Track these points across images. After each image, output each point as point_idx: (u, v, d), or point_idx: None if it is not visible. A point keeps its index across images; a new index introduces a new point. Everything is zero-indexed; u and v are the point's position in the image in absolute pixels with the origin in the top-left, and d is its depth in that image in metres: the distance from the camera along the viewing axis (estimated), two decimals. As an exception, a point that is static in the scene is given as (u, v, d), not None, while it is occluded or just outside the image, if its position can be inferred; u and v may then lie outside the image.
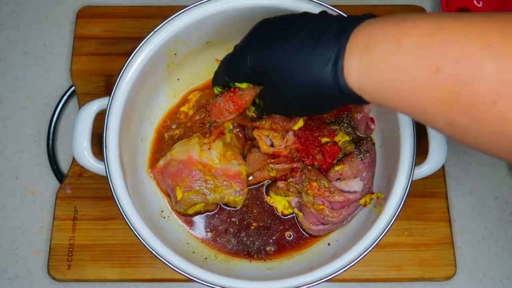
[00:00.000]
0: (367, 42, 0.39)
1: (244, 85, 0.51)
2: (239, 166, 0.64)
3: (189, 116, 0.69)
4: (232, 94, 0.53)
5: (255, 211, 0.67)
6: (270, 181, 0.67)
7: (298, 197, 0.64)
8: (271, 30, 0.47)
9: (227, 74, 0.51)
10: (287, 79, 0.44)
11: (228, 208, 0.67)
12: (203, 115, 0.68)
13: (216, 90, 0.55)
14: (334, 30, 0.41)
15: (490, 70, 0.32)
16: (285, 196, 0.65)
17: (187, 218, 0.67)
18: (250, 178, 0.66)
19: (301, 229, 0.66)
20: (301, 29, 0.43)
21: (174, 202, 0.65)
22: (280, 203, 0.66)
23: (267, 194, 0.67)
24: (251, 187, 0.67)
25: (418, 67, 0.36)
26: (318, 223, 0.63)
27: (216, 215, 0.67)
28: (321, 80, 0.41)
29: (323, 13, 0.45)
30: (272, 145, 0.63)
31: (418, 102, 0.37)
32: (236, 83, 0.51)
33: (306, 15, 0.45)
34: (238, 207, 0.67)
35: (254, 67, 0.47)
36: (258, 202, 0.67)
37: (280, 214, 0.67)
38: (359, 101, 0.42)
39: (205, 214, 0.67)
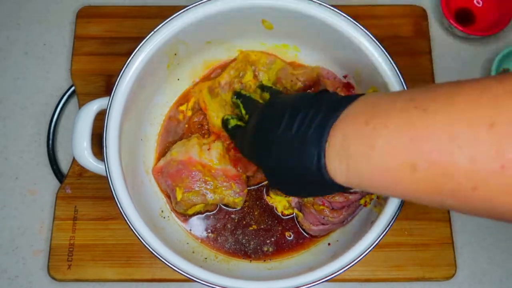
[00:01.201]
0: (342, 145, 0.41)
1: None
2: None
3: (187, 117, 0.69)
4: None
5: (255, 212, 0.67)
6: None
7: (298, 197, 0.64)
8: (267, 123, 0.51)
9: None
10: (282, 167, 0.48)
11: (228, 208, 0.67)
12: (201, 117, 0.68)
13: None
14: (315, 128, 0.44)
15: (462, 163, 0.33)
16: (285, 196, 0.65)
17: (187, 218, 0.67)
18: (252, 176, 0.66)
19: (301, 229, 0.66)
20: (289, 125, 0.47)
21: (174, 202, 0.65)
22: (280, 203, 0.66)
23: (267, 194, 0.67)
24: (251, 187, 0.67)
25: (395, 166, 0.37)
26: (318, 224, 0.63)
27: (216, 216, 0.67)
28: (310, 176, 0.44)
29: (310, 105, 0.47)
30: None
31: (404, 193, 0.39)
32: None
33: (297, 105, 0.48)
34: (238, 208, 0.67)
35: (253, 159, 0.54)
36: (258, 202, 0.67)
37: (280, 214, 0.67)
38: (347, 189, 0.45)
39: (205, 214, 0.67)
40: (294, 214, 0.66)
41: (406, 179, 0.37)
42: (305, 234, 0.66)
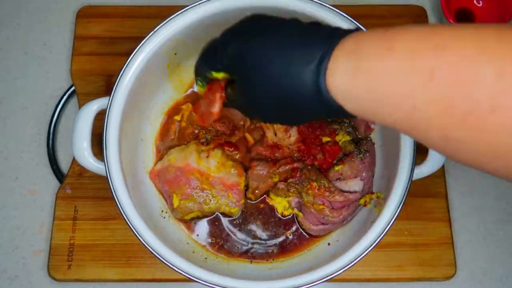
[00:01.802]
0: (355, 46, 0.37)
1: (220, 75, 0.48)
2: (237, 176, 0.64)
3: (181, 127, 0.69)
4: (208, 89, 0.50)
5: (255, 213, 0.67)
6: None
7: (298, 197, 0.64)
8: (258, 22, 0.45)
9: (206, 61, 0.49)
10: (262, 74, 0.41)
11: (226, 217, 0.67)
12: (197, 130, 0.68)
13: (199, 86, 0.52)
14: (323, 34, 0.40)
15: (488, 76, 0.30)
16: (285, 197, 0.65)
17: (187, 220, 0.66)
18: (257, 191, 0.66)
19: (301, 230, 0.66)
20: (289, 28, 0.42)
21: (170, 209, 0.64)
22: (280, 204, 0.66)
23: (267, 195, 0.67)
24: (258, 200, 0.67)
25: (411, 71, 0.33)
26: (318, 223, 0.63)
27: (217, 217, 0.67)
28: (300, 81, 0.39)
29: (315, 21, 0.44)
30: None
31: (410, 112, 0.34)
32: (213, 73, 0.48)
33: (297, 19, 0.44)
34: (235, 217, 0.67)
35: (232, 55, 0.44)
36: (258, 203, 0.67)
37: (280, 215, 0.67)
38: (340, 112, 0.39)
39: (203, 218, 0.67)
40: (294, 214, 0.66)
41: (419, 90, 0.33)
42: (305, 234, 0.66)
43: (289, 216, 0.67)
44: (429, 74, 0.33)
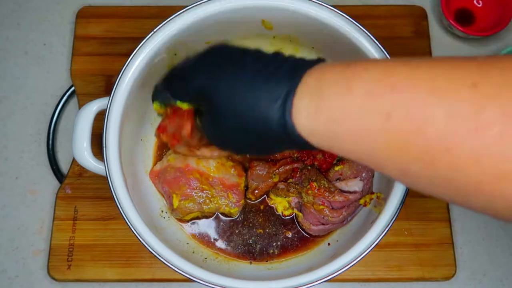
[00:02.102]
0: (317, 85, 0.38)
1: (184, 106, 0.48)
2: (237, 177, 0.64)
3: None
4: (173, 114, 0.50)
5: (257, 214, 0.67)
6: None
7: (298, 198, 0.64)
8: (222, 55, 0.45)
9: (169, 89, 0.49)
10: (229, 110, 0.42)
11: (225, 218, 0.67)
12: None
13: (156, 105, 0.52)
14: (288, 67, 0.40)
15: (439, 116, 0.31)
16: (285, 197, 0.65)
17: (187, 220, 0.66)
18: (256, 191, 0.66)
19: (301, 230, 0.66)
20: (256, 61, 0.42)
21: (170, 209, 0.64)
22: (280, 204, 0.66)
23: (267, 196, 0.67)
24: (258, 200, 0.67)
25: (369, 113, 0.35)
26: (318, 223, 0.63)
27: (217, 218, 0.67)
28: (267, 117, 0.40)
29: (277, 53, 0.44)
30: None
31: (370, 149, 0.36)
32: (177, 102, 0.49)
33: (261, 51, 0.44)
34: (234, 217, 0.67)
35: (198, 90, 0.45)
36: (258, 203, 0.67)
37: (280, 214, 0.67)
38: (307, 146, 0.40)
39: (202, 219, 0.67)
40: (294, 214, 0.66)
41: (376, 130, 0.35)
42: (305, 234, 0.66)
43: (289, 216, 0.67)
44: (386, 115, 0.34)
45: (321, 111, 0.37)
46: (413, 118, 0.33)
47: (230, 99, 0.42)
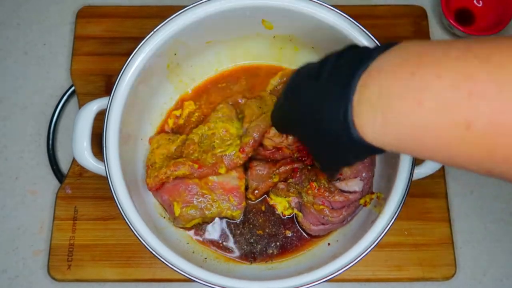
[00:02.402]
0: (379, 97, 0.35)
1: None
2: (237, 180, 0.64)
3: (178, 124, 0.69)
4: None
5: (255, 214, 0.67)
6: None
7: (298, 198, 0.64)
8: (289, 93, 0.47)
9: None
10: (308, 133, 0.44)
11: (228, 220, 0.67)
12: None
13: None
14: (339, 80, 0.39)
15: None
16: (285, 197, 0.65)
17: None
18: (256, 192, 0.66)
19: (301, 230, 0.66)
20: (316, 78, 0.42)
21: (172, 218, 0.64)
22: (280, 204, 0.66)
23: (267, 196, 0.67)
24: (258, 200, 0.67)
25: (445, 124, 0.32)
26: (318, 223, 0.63)
27: (217, 220, 0.67)
28: (337, 136, 0.39)
29: (335, 55, 0.42)
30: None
31: (451, 156, 0.34)
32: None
33: (321, 62, 0.43)
34: (237, 220, 0.66)
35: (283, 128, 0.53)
36: (259, 204, 0.67)
37: (280, 214, 0.67)
38: (374, 151, 0.39)
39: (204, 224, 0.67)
40: (294, 214, 0.66)
41: (455, 141, 0.32)
42: (305, 234, 0.66)
43: (289, 216, 0.67)
44: (465, 126, 0.32)
45: (388, 127, 0.35)
46: (497, 128, 0.31)
47: (304, 122, 0.44)
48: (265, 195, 0.67)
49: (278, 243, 0.66)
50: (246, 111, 0.65)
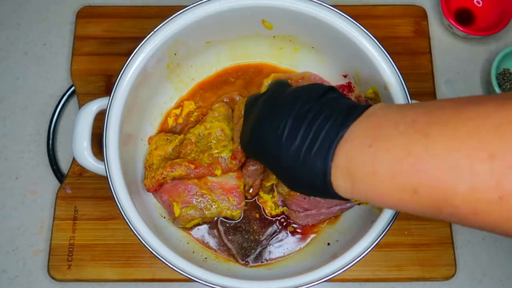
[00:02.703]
0: (347, 166, 0.42)
1: None
2: (236, 179, 0.63)
3: (178, 123, 0.69)
4: None
5: (253, 213, 0.67)
6: None
7: (281, 196, 0.64)
8: (266, 133, 0.49)
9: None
10: (285, 177, 0.49)
11: (227, 220, 0.67)
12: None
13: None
14: (321, 148, 0.43)
15: (462, 191, 0.34)
16: (270, 193, 0.65)
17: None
18: (251, 190, 0.66)
19: (293, 226, 0.66)
20: (294, 138, 0.45)
21: (172, 218, 0.64)
22: (267, 203, 0.66)
23: (258, 194, 0.66)
24: (254, 198, 0.67)
25: (396, 190, 0.39)
26: (301, 209, 0.63)
27: (216, 222, 0.67)
28: (317, 187, 0.45)
29: (312, 109, 0.46)
30: None
31: (408, 210, 0.40)
32: None
33: (297, 117, 0.47)
34: (237, 220, 0.66)
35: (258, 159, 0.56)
36: (257, 204, 0.67)
37: (268, 216, 0.66)
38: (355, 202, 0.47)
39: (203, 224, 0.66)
40: (283, 214, 0.66)
41: (407, 201, 0.38)
42: (298, 230, 0.65)
43: (279, 217, 0.66)
44: (412, 191, 0.38)
45: (355, 189, 0.42)
46: (438, 192, 0.36)
47: (284, 170, 0.48)
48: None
49: (277, 243, 0.66)
50: (235, 110, 0.65)
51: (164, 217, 0.66)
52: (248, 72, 0.72)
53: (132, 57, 0.59)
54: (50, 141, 0.73)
